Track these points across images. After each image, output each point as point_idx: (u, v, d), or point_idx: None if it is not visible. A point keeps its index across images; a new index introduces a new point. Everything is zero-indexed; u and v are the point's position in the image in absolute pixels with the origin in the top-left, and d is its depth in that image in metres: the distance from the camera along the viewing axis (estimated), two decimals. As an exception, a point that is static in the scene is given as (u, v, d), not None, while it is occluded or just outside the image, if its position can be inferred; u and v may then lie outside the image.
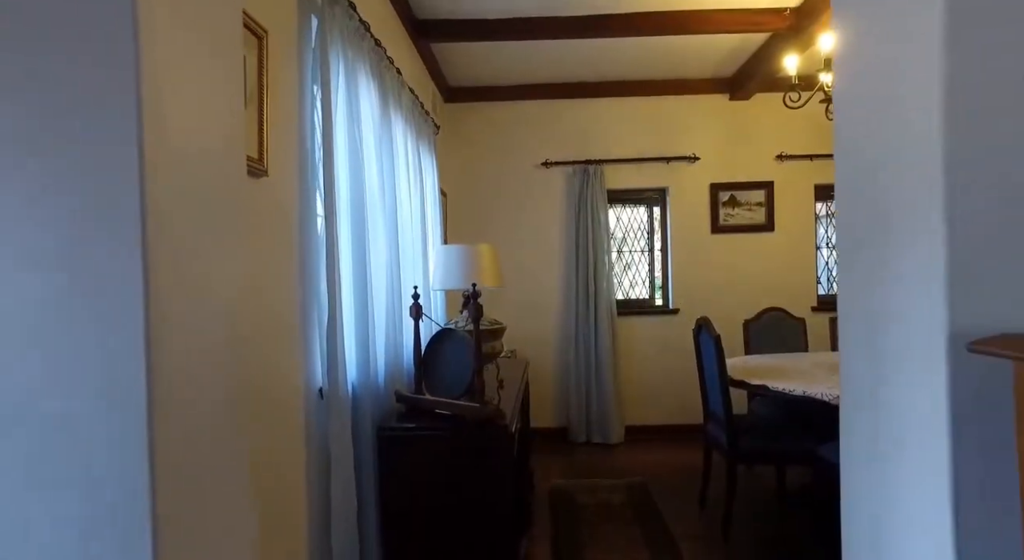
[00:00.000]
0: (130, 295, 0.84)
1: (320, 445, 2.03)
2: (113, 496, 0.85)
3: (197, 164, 1.01)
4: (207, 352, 1.00)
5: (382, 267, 2.45)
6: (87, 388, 0.85)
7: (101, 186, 0.86)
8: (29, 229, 0.87)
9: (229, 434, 1.08)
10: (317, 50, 2.05)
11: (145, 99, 0.87)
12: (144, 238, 0.85)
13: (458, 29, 3.66)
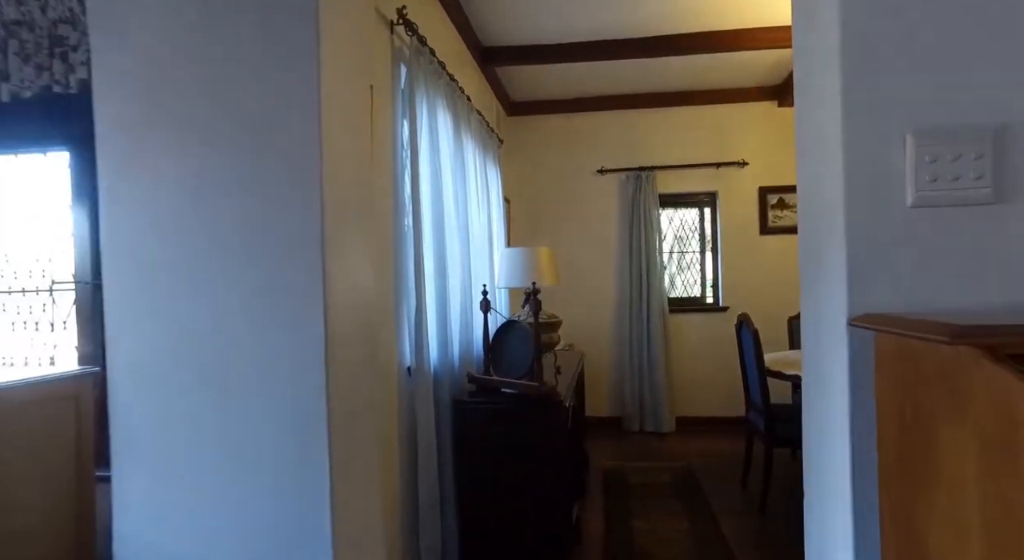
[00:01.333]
0: (314, 292, 1.31)
1: (408, 412, 2.49)
2: (304, 420, 1.32)
3: (349, 192, 1.47)
4: (354, 330, 1.47)
5: (457, 268, 2.90)
6: (290, 355, 1.33)
7: (293, 217, 1.33)
8: (241, 243, 1.35)
9: (366, 391, 1.55)
10: (406, 91, 2.51)
11: (325, 152, 1.34)
12: (323, 253, 1.31)
13: (520, 54, 4.09)
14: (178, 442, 1.43)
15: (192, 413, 1.41)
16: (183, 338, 1.41)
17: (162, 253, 1.43)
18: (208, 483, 1.42)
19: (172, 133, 1.43)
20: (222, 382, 1.39)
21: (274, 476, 1.39)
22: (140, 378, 1.45)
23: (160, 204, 1.43)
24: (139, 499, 1.46)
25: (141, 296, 1.45)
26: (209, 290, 1.39)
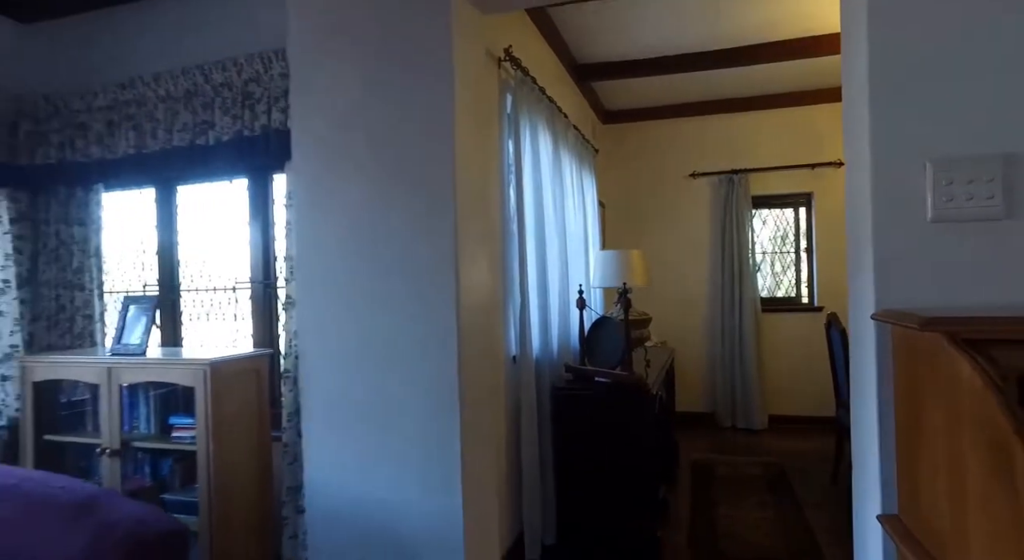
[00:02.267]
0: (449, 293, 1.72)
1: (513, 397, 2.88)
2: (443, 392, 1.74)
3: (473, 210, 1.88)
4: (477, 323, 1.87)
5: (555, 269, 3.26)
6: (431, 342, 1.75)
7: (433, 234, 1.75)
8: (393, 254, 1.79)
9: (485, 374, 1.95)
10: (512, 116, 2.90)
11: (457, 181, 1.75)
12: (456, 262, 1.72)
13: (612, 69, 4.38)
14: (351, 408, 1.89)
15: (361, 385, 1.87)
16: (353, 329, 1.88)
17: (335, 264, 1.90)
18: (373, 439, 1.87)
19: (344, 171, 1.90)
20: (382, 362, 1.84)
21: (421, 434, 1.82)
22: (323, 360, 1.93)
23: (335, 227, 1.90)
24: (323, 451, 1.95)
25: (323, 298, 1.93)
26: (371, 292, 1.85)
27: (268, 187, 2.82)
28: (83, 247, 2.96)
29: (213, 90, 2.63)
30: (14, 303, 2.93)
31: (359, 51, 1.91)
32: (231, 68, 2.57)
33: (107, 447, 2.42)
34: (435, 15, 1.81)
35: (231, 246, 2.96)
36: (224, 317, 3.01)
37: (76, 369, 2.52)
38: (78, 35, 3.01)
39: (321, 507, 1.99)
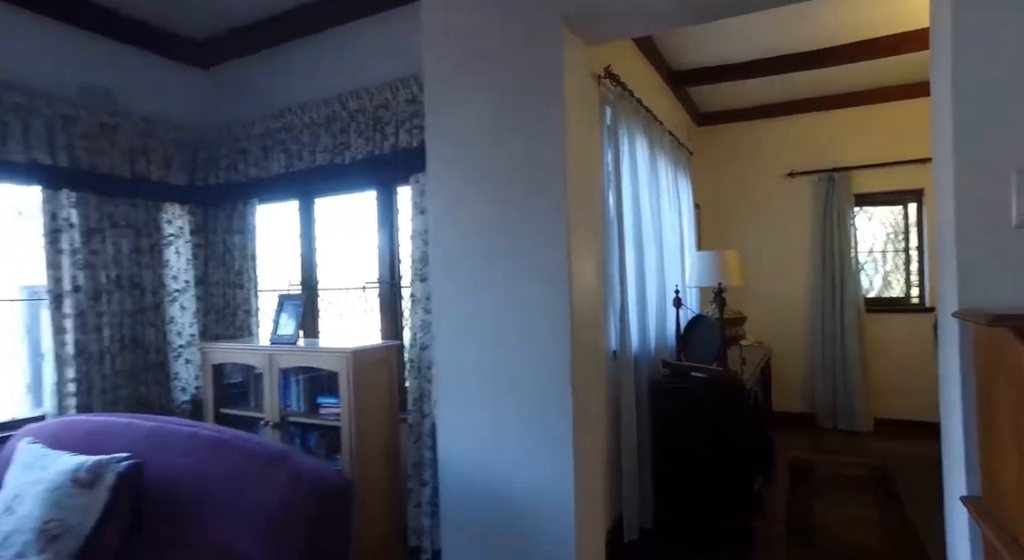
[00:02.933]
0: (563, 289, 1.98)
1: (614, 390, 3.10)
2: (558, 374, 2.01)
3: (582, 217, 2.13)
4: (585, 317, 2.12)
5: (653, 270, 3.44)
6: (549, 333, 2.02)
7: (549, 238, 2.02)
8: (515, 255, 2.07)
9: (591, 364, 2.19)
10: (611, 127, 3.12)
11: (568, 190, 2.00)
12: (569, 263, 1.98)
13: (708, 75, 4.47)
14: (478, 386, 2.20)
15: (486, 368, 2.17)
16: (479, 322, 2.18)
17: (464, 265, 2.21)
18: (498, 413, 2.16)
19: (472, 183, 2.20)
20: (505, 348, 2.13)
21: (538, 413, 2.09)
22: (454, 348, 2.24)
23: (464, 232, 2.21)
24: (453, 422, 2.27)
25: (454, 294, 2.24)
26: (496, 289, 2.14)
27: (393, 198, 3.20)
28: (242, 252, 3.49)
29: (349, 116, 3.05)
30: (193, 300, 3.51)
31: (483, 80, 2.21)
32: (364, 96, 2.97)
33: (269, 420, 2.88)
34: (549, 48, 2.07)
35: (361, 250, 3.38)
36: (355, 313, 3.43)
37: (244, 354, 3.00)
38: (241, 76, 3.55)
39: (452, 473, 2.31)
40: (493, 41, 2.18)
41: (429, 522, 2.83)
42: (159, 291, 3.42)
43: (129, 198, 3.25)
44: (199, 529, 1.76)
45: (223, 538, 1.72)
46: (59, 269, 2.97)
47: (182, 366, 3.50)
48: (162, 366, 3.42)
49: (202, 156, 3.57)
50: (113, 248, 3.18)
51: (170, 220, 3.47)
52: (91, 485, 1.74)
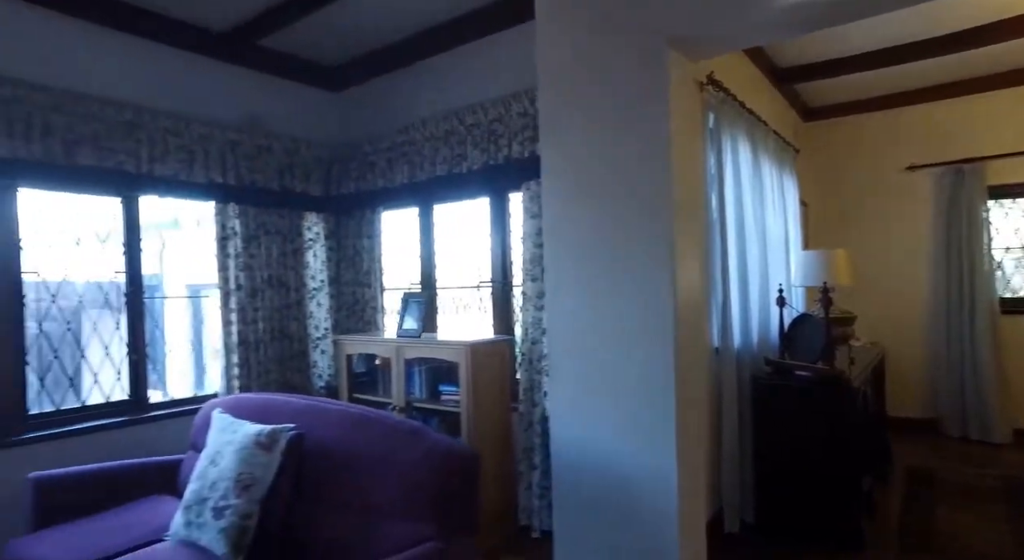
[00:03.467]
0: (668, 286, 2.15)
1: (715, 385, 3.19)
2: (661, 364, 2.17)
3: (685, 220, 2.27)
4: (688, 314, 2.27)
5: (756, 269, 3.48)
6: (653, 326, 2.19)
7: (653, 241, 2.18)
8: (623, 256, 2.26)
9: (693, 357, 2.33)
10: (713, 131, 3.21)
11: (674, 195, 2.16)
12: (673, 263, 2.14)
13: (815, 70, 4.39)
14: (588, 378, 2.40)
15: (595, 361, 2.37)
16: (591, 317, 2.38)
17: (577, 265, 2.42)
18: (606, 403, 2.35)
19: (583, 191, 2.40)
20: (613, 342, 2.32)
21: (645, 400, 2.25)
22: (565, 340, 2.46)
23: (575, 235, 2.42)
24: (565, 411, 2.48)
25: (567, 292, 2.46)
26: (606, 288, 2.33)
27: (506, 204, 3.47)
28: (370, 255, 3.91)
29: (466, 130, 3.35)
30: (327, 297, 3.98)
31: (592, 96, 2.40)
32: (480, 112, 3.26)
33: (396, 405, 3.24)
34: (654, 68, 2.23)
35: (475, 252, 3.68)
36: (469, 310, 3.74)
37: (374, 346, 3.39)
38: (369, 96, 3.98)
39: (563, 458, 2.52)
40: (601, 61, 2.37)
41: (538, 503, 3.07)
42: (300, 289, 3.90)
43: (277, 209, 3.75)
44: (349, 488, 2.09)
45: (369, 496, 2.04)
46: (227, 271, 3.50)
47: (319, 356, 3.97)
48: (303, 355, 3.91)
49: (336, 169, 4.03)
50: (265, 252, 3.68)
51: (309, 226, 3.95)
52: (269, 448, 2.13)
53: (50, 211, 3.21)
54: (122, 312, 3.34)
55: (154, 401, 3.42)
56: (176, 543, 2.16)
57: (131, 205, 3.30)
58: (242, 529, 2.04)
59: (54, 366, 3.14)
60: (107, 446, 3.07)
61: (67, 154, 2.89)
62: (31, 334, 3.01)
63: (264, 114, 3.78)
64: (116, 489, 2.60)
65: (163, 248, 5.10)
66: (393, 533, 1.93)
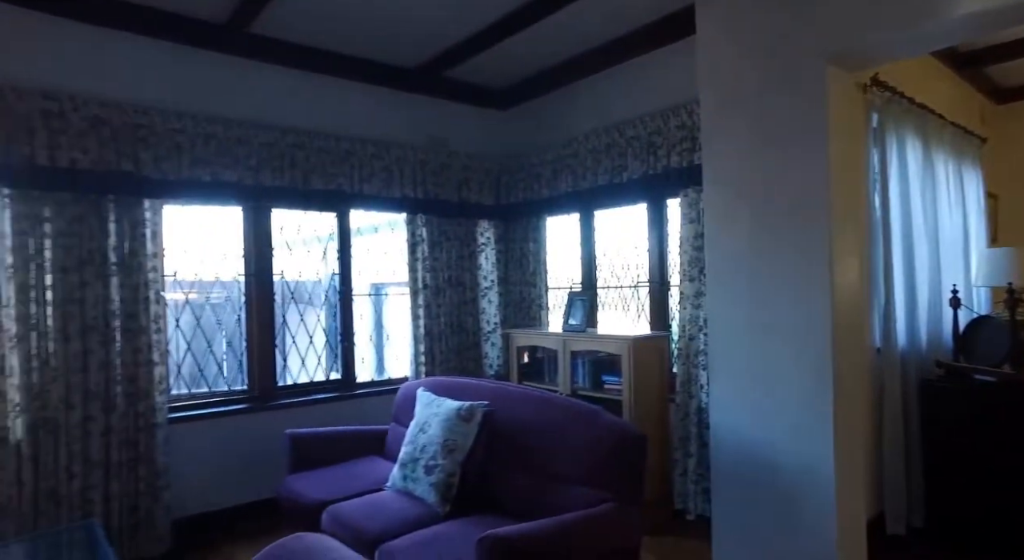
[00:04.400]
0: (823, 284, 2.29)
1: (876, 385, 3.18)
2: (818, 356, 2.32)
3: (842, 221, 2.39)
4: (847, 313, 2.38)
5: (924, 268, 3.39)
6: (812, 327, 2.35)
7: (809, 239, 2.34)
8: (775, 255, 2.43)
9: (850, 352, 2.43)
10: (877, 131, 3.19)
11: (832, 196, 2.30)
12: (830, 258, 2.28)
13: (1007, 51, 4.06)
14: (746, 372, 2.60)
15: (754, 357, 2.56)
16: (748, 315, 2.57)
17: (735, 266, 2.62)
18: (763, 396, 2.54)
19: (742, 198, 2.60)
20: (771, 339, 2.49)
21: (801, 395, 2.41)
22: (725, 337, 2.67)
23: (734, 239, 2.62)
24: (723, 402, 2.69)
25: (724, 291, 2.67)
26: (764, 286, 2.51)
27: (663, 210, 3.71)
28: (535, 257, 4.34)
29: (626, 142, 3.64)
30: (496, 295, 4.47)
31: (751, 109, 2.58)
32: (639, 125, 3.54)
33: (563, 392, 3.62)
34: (812, 83, 2.37)
35: (631, 254, 3.96)
36: (627, 308, 4.03)
37: (542, 338, 3.80)
38: (533, 114, 4.41)
39: (721, 447, 2.73)
40: (760, 74, 2.54)
41: (693, 488, 3.29)
42: (474, 288, 4.43)
43: (456, 217, 4.31)
44: (532, 455, 2.49)
45: (549, 463, 2.42)
46: (416, 272, 4.11)
47: (490, 347, 4.48)
48: (476, 347, 4.44)
49: (504, 180, 4.51)
50: (446, 256, 4.25)
51: (482, 232, 4.47)
52: (468, 419, 2.60)
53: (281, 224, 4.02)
54: (322, 307, 4.06)
55: (360, 381, 4.12)
56: (395, 491, 2.71)
57: (344, 218, 4.01)
58: (448, 484, 2.52)
59: (292, 349, 3.93)
60: (326, 414, 3.78)
61: (304, 181, 3.62)
62: (277, 323, 3.80)
63: (445, 135, 4.35)
64: (342, 448, 3.25)
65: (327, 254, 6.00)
66: (570, 494, 2.30)
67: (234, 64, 3.48)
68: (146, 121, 3.10)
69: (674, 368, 3.50)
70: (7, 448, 2.71)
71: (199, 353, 3.65)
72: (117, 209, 3.02)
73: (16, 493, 2.71)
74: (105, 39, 3.09)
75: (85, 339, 2.91)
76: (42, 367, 2.80)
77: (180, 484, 3.23)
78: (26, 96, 2.78)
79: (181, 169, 3.21)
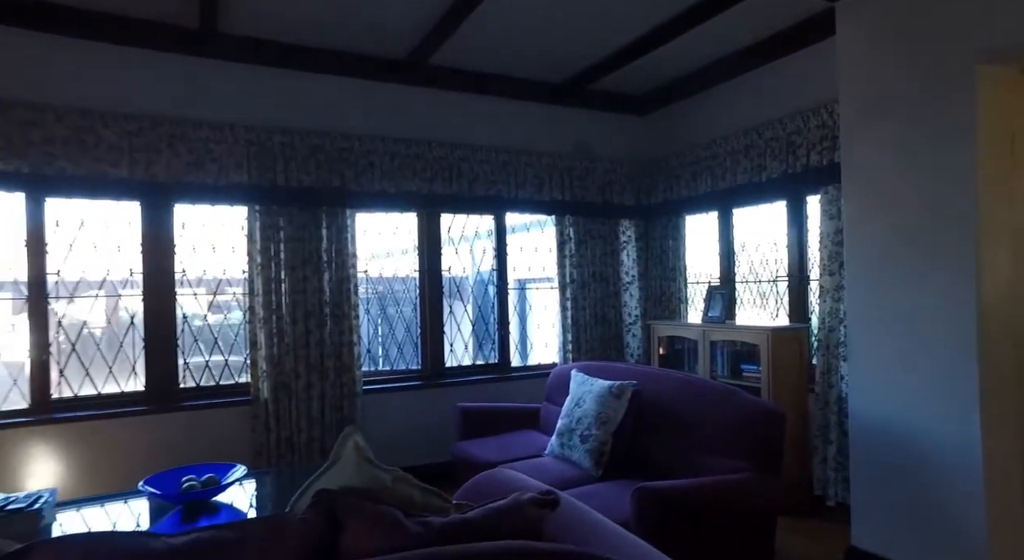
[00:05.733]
0: (969, 279, 2.39)
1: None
2: (959, 351, 2.42)
3: (993, 217, 2.45)
4: (997, 304, 2.44)
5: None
6: (956, 317, 2.45)
7: (952, 237, 2.43)
8: (910, 253, 2.54)
9: (1006, 353, 2.48)
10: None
11: (980, 196, 2.39)
12: (976, 256, 2.38)
13: None
14: (886, 362, 2.72)
15: (896, 347, 2.68)
16: (891, 306, 2.69)
17: (875, 261, 2.75)
18: (905, 386, 2.65)
19: (884, 195, 2.72)
20: (914, 329, 2.60)
21: (945, 384, 2.49)
22: (867, 328, 2.80)
23: (876, 235, 2.75)
24: (864, 392, 2.82)
25: (867, 284, 2.80)
26: (907, 279, 2.62)
27: (803, 206, 3.82)
28: (675, 254, 4.60)
29: (764, 143, 3.81)
30: (637, 290, 4.79)
31: (894, 105, 2.68)
32: (778, 126, 3.69)
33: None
34: (959, 79, 2.44)
35: (771, 250, 4.09)
36: (765, 302, 4.17)
37: (683, 329, 4.07)
38: (671, 118, 4.67)
39: (862, 435, 2.86)
40: (903, 75, 2.64)
41: (833, 475, 3.40)
42: (616, 283, 4.78)
43: (599, 218, 4.68)
44: (676, 428, 2.81)
45: (692, 435, 2.72)
46: (564, 268, 4.55)
47: (631, 338, 4.80)
48: (618, 338, 4.78)
49: (644, 182, 4.81)
50: (591, 253, 4.64)
51: (623, 231, 4.80)
52: (619, 396, 2.97)
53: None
54: (469, 301, 4.60)
55: (514, 365, 4.64)
56: (553, 457, 3.14)
57: (500, 220, 4.54)
58: (601, 451, 2.91)
59: (456, 336, 4.53)
60: (482, 393, 4.32)
61: (469, 189, 4.19)
62: (444, 313, 4.41)
63: (588, 142, 4.74)
64: (502, 421, 3.75)
65: (485, 253, 6.60)
66: (712, 463, 2.59)
67: (412, 92, 4.12)
68: (348, 145, 3.81)
69: (814, 359, 3.62)
70: (259, 404, 3.53)
71: (383, 337, 4.36)
72: (328, 217, 3.75)
73: (265, 439, 3.51)
74: (316, 82, 3.84)
75: (307, 322, 3.67)
76: (279, 343, 3.59)
77: (368, 446, 3.91)
78: (274, 134, 3.58)
79: (373, 182, 3.89)
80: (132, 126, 3.27)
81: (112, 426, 3.31)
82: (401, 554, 0.92)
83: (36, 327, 3.23)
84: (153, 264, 3.50)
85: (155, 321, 3.50)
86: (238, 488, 2.60)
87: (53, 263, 3.30)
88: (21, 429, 3.13)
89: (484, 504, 1.22)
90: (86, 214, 3.40)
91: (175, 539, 0.98)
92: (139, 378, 3.51)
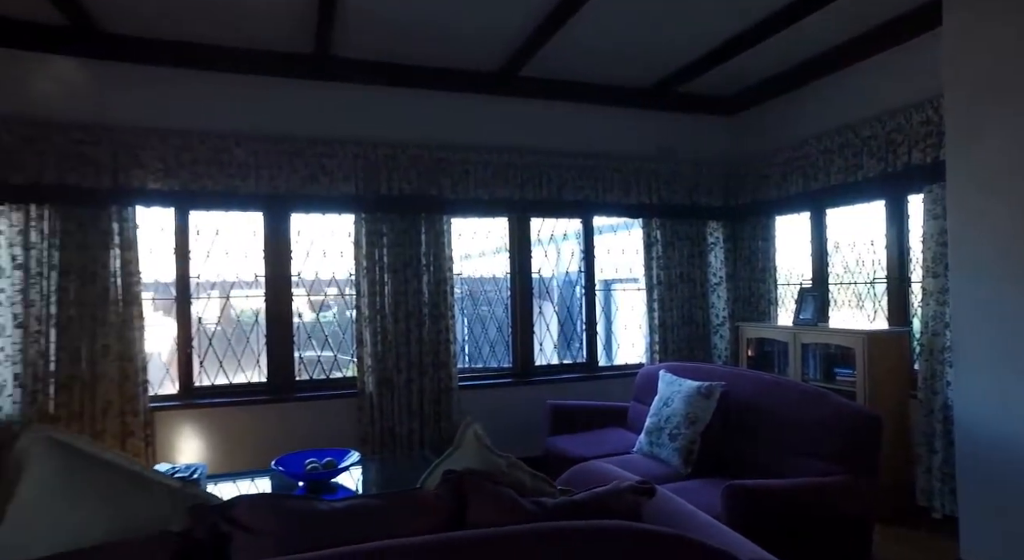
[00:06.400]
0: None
1: None
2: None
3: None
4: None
5: None
6: None
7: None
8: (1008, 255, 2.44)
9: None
10: None
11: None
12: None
13: None
14: (993, 360, 2.62)
15: (1007, 351, 2.58)
16: (1000, 308, 2.60)
17: (986, 263, 2.66)
18: (1013, 385, 2.55)
19: (994, 194, 2.61)
20: (1004, 330, 2.50)
21: None
22: (975, 331, 2.70)
23: (985, 236, 2.65)
24: (974, 399, 2.73)
25: (974, 287, 2.71)
26: (1018, 279, 2.53)
27: (903, 206, 3.69)
28: (765, 255, 4.55)
29: (861, 142, 3.71)
30: (725, 291, 4.77)
31: (1007, 99, 2.57)
32: (876, 124, 3.59)
33: (794, 382, 3.82)
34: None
35: (868, 251, 3.97)
36: (862, 304, 4.05)
37: (772, 331, 4.04)
38: (760, 118, 4.61)
39: (970, 444, 2.76)
40: (1012, 70, 2.55)
41: (940, 486, 3.27)
42: (703, 284, 4.78)
43: (686, 219, 4.70)
44: (765, 429, 2.83)
45: (782, 437, 2.74)
46: (651, 269, 4.61)
47: (718, 340, 4.78)
48: (705, 338, 4.78)
49: (732, 183, 4.78)
50: (678, 254, 4.67)
51: (711, 232, 4.79)
52: (708, 396, 3.03)
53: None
54: (550, 299, 4.73)
55: (601, 365, 4.74)
56: (641, 455, 3.24)
57: (588, 223, 4.66)
58: (689, 449, 2.98)
59: (546, 335, 4.70)
60: (569, 391, 4.45)
61: (557, 194, 4.34)
62: (534, 313, 4.58)
63: (672, 145, 4.76)
64: (591, 419, 3.87)
65: (572, 255, 6.69)
66: (802, 465, 2.60)
67: (503, 103, 4.31)
68: (444, 155, 4.06)
69: (915, 364, 3.50)
70: (365, 396, 3.85)
71: (476, 336, 4.59)
72: (426, 223, 4.02)
73: (371, 428, 3.82)
74: (416, 97, 4.11)
75: (408, 321, 3.94)
76: (383, 341, 3.89)
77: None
78: (379, 147, 3.89)
79: (468, 190, 4.12)
80: (258, 145, 3.67)
81: (241, 412, 3.73)
82: (527, 525, 1.08)
83: (182, 323, 3.69)
84: (274, 268, 3.89)
85: (275, 319, 3.89)
86: (346, 472, 2.89)
87: (193, 267, 3.76)
88: (173, 412, 3.61)
89: (588, 489, 1.36)
90: (220, 224, 3.84)
91: (336, 504, 1.19)
92: (262, 370, 3.91)
